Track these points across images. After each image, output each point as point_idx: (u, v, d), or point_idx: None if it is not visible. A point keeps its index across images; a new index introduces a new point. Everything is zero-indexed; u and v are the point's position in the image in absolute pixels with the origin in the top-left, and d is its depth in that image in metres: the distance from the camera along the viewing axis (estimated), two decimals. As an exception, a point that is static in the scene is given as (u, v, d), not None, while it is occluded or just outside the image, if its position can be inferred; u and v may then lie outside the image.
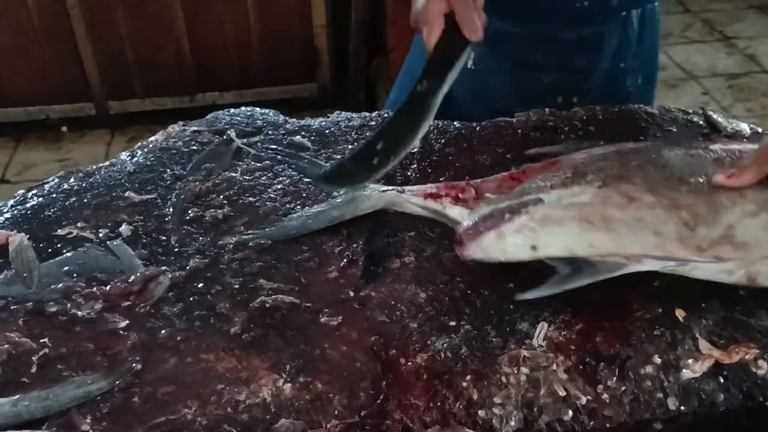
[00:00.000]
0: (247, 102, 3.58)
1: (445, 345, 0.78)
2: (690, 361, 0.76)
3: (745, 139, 1.10)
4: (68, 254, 0.87)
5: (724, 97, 3.63)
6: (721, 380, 0.75)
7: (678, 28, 4.33)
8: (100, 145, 3.32)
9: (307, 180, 1.01)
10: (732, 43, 4.16)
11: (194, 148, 1.07)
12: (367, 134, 1.12)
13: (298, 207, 0.96)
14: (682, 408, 0.74)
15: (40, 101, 3.34)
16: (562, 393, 0.75)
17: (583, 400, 0.74)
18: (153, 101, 3.37)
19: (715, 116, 1.14)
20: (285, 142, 1.10)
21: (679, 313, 0.80)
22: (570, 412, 0.74)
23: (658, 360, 0.77)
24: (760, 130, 1.13)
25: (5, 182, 3.11)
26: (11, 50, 3.15)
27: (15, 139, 3.33)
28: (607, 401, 0.74)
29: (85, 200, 0.96)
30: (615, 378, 0.76)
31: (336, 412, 0.72)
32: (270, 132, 1.11)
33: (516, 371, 0.76)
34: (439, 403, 0.73)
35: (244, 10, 3.24)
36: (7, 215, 0.95)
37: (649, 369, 0.76)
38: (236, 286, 0.85)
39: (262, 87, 3.44)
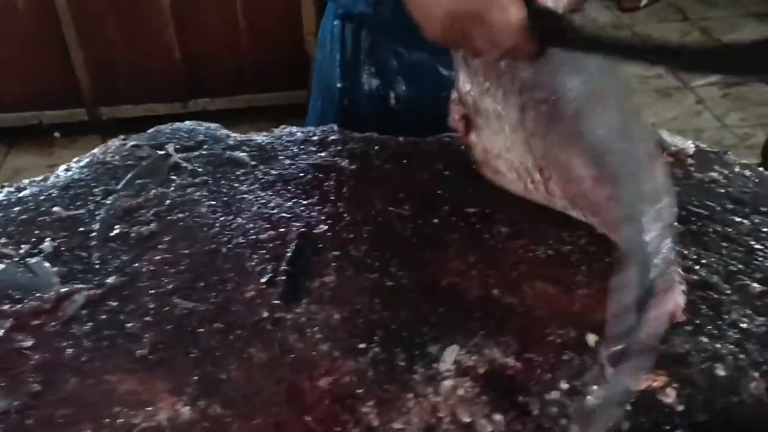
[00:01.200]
0: (239, 108, 3.58)
1: (351, 368, 0.77)
2: (596, 387, 0.75)
3: (689, 158, 1.09)
4: (-16, 272, 0.87)
5: (718, 106, 3.60)
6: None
7: (675, 36, 4.30)
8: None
9: (240, 196, 1.01)
10: (729, 51, 4.12)
11: (131, 163, 1.07)
12: (311, 149, 1.12)
13: (227, 222, 0.96)
14: (587, 435, 0.73)
15: (33, 107, 3.36)
16: (465, 419, 0.73)
17: (488, 427, 0.73)
18: (145, 107, 3.37)
19: (659, 134, 1.12)
20: (225, 157, 1.09)
21: (590, 338, 0.79)
22: (472, 439, 0.73)
23: (564, 386, 0.75)
24: (705, 146, 1.11)
25: (-4, 187, 3.13)
26: (3, 56, 3.18)
27: (7, 144, 3.36)
28: (512, 428, 0.73)
29: (12, 215, 0.96)
30: (520, 404, 0.74)
31: (232, 437, 0.71)
32: (210, 147, 1.11)
33: (420, 396, 0.75)
34: (338, 429, 0.72)
35: (234, 17, 3.25)
36: (-67, 231, 0.95)
37: (554, 395, 0.75)
38: (151, 306, 0.84)
39: (253, 93, 3.45)
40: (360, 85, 1.29)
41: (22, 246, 0.91)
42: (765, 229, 0.93)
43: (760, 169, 1.05)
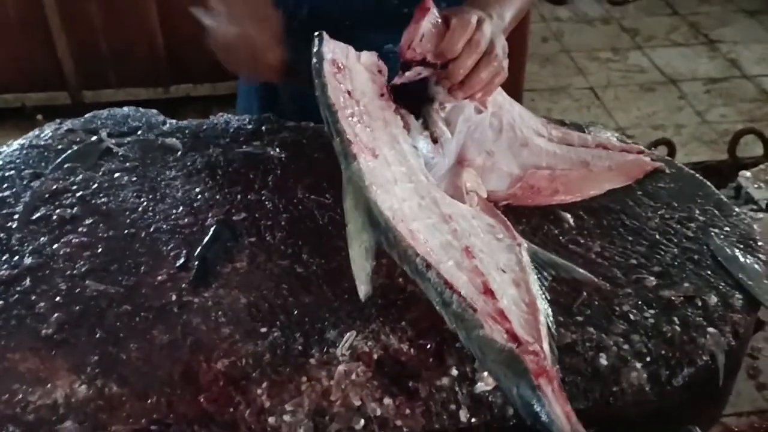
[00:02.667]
0: (221, 95, 3.56)
1: (249, 351, 0.79)
2: (485, 374, 0.77)
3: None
4: None
5: (700, 102, 3.61)
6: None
7: (663, 31, 4.30)
8: (73, 134, 3.35)
9: (166, 182, 1.03)
10: (716, 47, 4.12)
11: (63, 147, 1.09)
12: (243, 138, 1.14)
13: (150, 208, 0.98)
14: (473, 420, 0.75)
15: (16, 89, 3.38)
16: (356, 402, 0.76)
17: (377, 410, 0.75)
18: (127, 92, 3.39)
19: (590, 129, 1.13)
20: (157, 144, 1.11)
21: (485, 327, 0.81)
22: (362, 421, 0.74)
23: (455, 372, 0.77)
24: (629, 141, 1.13)
25: (-24, 168, 3.15)
26: (-14, 39, 3.20)
27: (-11, 126, 3.38)
28: (400, 412, 0.75)
29: (-62, 197, 0.99)
30: (411, 389, 0.76)
31: (125, 416, 0.74)
32: (144, 133, 1.13)
33: (313, 380, 0.77)
34: (231, 410, 0.75)
35: (217, 3, 3.25)
36: None
37: (445, 381, 0.77)
38: (63, 287, 0.86)
39: (236, 80, 3.44)
40: None
41: (-56, 227, 0.93)
42: (671, 224, 0.95)
43: (680, 164, 1.06)
